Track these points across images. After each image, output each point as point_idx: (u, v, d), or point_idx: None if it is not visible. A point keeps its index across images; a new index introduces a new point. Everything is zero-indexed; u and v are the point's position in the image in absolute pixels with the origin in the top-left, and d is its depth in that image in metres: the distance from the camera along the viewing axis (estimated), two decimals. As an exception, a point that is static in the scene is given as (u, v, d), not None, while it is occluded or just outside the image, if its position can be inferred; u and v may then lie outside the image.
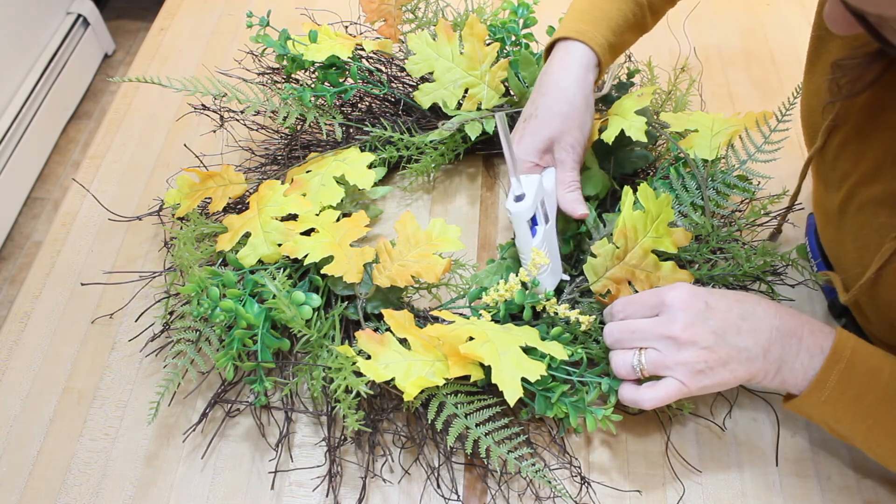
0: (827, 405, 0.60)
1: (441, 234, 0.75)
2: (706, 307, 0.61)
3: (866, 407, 0.59)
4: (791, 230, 0.86)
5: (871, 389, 0.59)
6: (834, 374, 0.59)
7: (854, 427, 0.60)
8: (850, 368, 0.59)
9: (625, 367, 0.64)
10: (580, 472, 0.69)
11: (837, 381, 0.59)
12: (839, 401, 0.59)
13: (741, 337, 0.61)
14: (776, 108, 0.81)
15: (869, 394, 0.59)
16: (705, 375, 0.60)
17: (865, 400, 0.59)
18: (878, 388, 0.59)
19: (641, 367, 0.63)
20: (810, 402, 0.60)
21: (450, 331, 0.64)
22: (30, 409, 0.76)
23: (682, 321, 0.61)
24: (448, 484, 0.68)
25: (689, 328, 0.61)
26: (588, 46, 0.74)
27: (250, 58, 1.03)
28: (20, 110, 1.95)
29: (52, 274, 0.87)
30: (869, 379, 0.59)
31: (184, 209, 0.82)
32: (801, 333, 0.61)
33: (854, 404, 0.59)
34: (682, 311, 0.62)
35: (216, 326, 0.71)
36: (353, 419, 0.64)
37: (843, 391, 0.59)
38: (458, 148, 0.91)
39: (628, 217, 0.71)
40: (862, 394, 0.59)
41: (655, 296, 0.64)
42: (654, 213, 0.72)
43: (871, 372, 0.59)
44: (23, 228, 1.98)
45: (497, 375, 0.61)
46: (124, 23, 2.55)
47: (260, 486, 0.70)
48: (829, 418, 0.61)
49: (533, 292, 0.71)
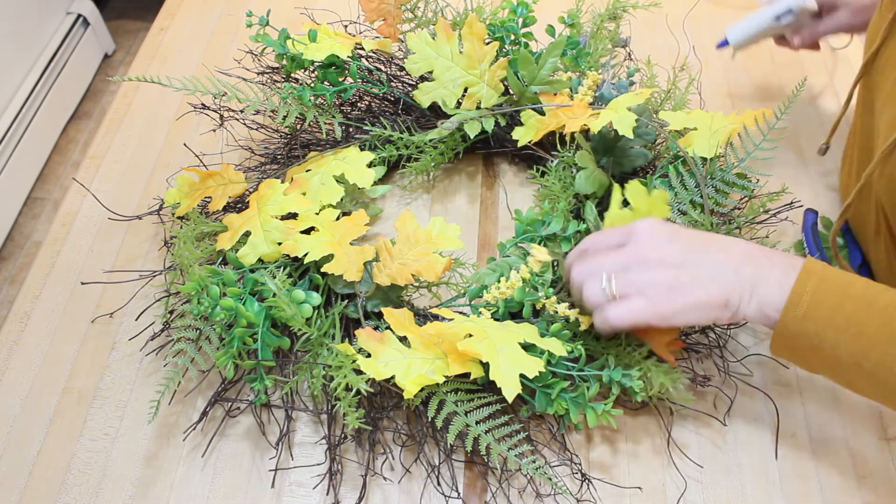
0: (807, 321, 0.59)
1: (441, 232, 0.75)
2: (673, 231, 0.63)
3: (846, 315, 0.58)
4: (790, 227, 0.86)
5: (848, 297, 0.58)
6: (809, 285, 0.59)
7: (838, 339, 0.58)
8: (823, 280, 0.59)
9: (594, 294, 0.63)
10: (580, 468, 0.69)
11: (813, 291, 0.58)
12: (818, 312, 0.58)
13: (709, 255, 0.61)
14: (775, 106, 0.81)
15: (846, 301, 0.58)
16: (675, 292, 0.61)
17: (844, 308, 0.58)
18: (853, 295, 0.58)
19: (612, 292, 0.62)
20: (791, 320, 0.59)
21: (449, 328, 0.65)
22: (30, 409, 0.76)
23: (648, 242, 0.62)
24: (448, 482, 0.68)
25: (657, 247, 0.62)
26: None
27: (250, 57, 1.03)
28: (20, 110, 1.95)
29: (52, 274, 0.87)
30: (844, 289, 0.58)
31: (184, 208, 0.82)
32: (770, 255, 0.62)
33: (834, 313, 0.58)
34: (650, 234, 0.63)
35: (216, 325, 0.71)
36: (354, 417, 0.64)
37: (820, 301, 0.58)
38: (458, 147, 0.91)
39: (616, 216, 0.71)
40: (840, 302, 0.58)
41: (622, 229, 0.65)
42: (644, 210, 0.72)
43: (844, 284, 0.59)
44: (23, 228, 1.98)
45: (495, 372, 0.61)
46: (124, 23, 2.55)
47: (260, 484, 0.70)
48: (812, 337, 0.59)
49: (533, 291, 0.71)
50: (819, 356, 0.60)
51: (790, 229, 0.86)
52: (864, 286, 0.59)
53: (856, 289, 0.59)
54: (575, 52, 0.89)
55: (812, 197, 0.90)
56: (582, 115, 0.82)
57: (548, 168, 0.86)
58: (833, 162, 0.93)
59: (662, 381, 0.67)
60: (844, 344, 0.58)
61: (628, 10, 0.97)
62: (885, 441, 0.71)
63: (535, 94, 0.87)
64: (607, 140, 0.84)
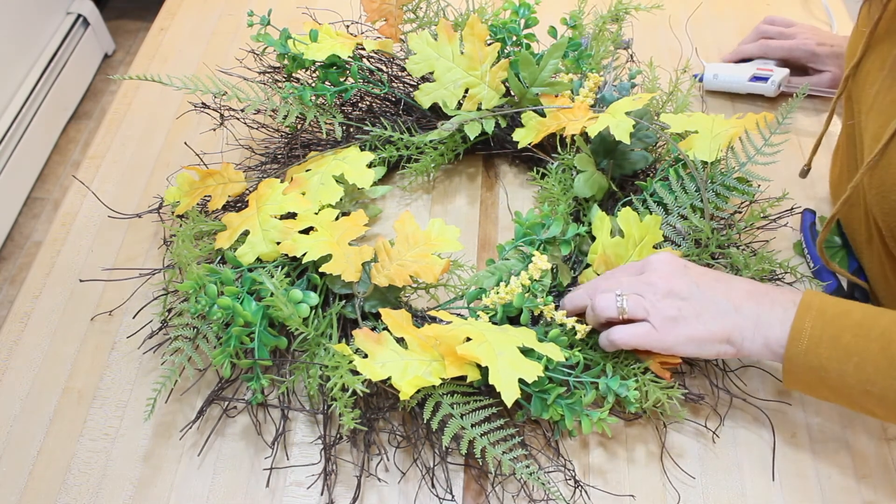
0: (810, 354, 0.61)
1: (440, 234, 0.75)
2: (685, 266, 0.68)
3: (845, 346, 0.60)
4: (789, 232, 0.86)
5: (846, 328, 0.60)
6: (808, 321, 0.62)
7: (843, 370, 0.60)
8: (821, 314, 0.62)
9: (608, 307, 0.67)
10: (574, 475, 0.69)
11: (812, 326, 0.61)
12: (819, 345, 0.61)
13: (715, 292, 0.65)
14: (777, 108, 0.81)
15: (844, 332, 0.60)
16: (677, 323, 0.65)
17: (843, 339, 0.60)
18: (851, 325, 0.60)
19: (623, 308, 0.66)
20: (794, 356, 0.62)
21: (447, 331, 0.64)
22: (30, 409, 0.76)
23: (662, 272, 0.67)
24: (443, 484, 0.68)
25: (668, 278, 0.66)
26: None
27: (251, 57, 1.03)
28: (20, 110, 1.95)
29: (52, 274, 0.87)
30: (841, 320, 0.61)
31: (183, 207, 0.82)
32: (772, 293, 0.65)
33: (834, 345, 0.60)
34: (663, 265, 0.67)
35: (214, 324, 0.71)
36: (349, 418, 0.64)
37: (819, 336, 0.61)
38: (458, 148, 0.91)
39: (607, 244, 0.73)
40: (838, 333, 0.60)
41: (639, 262, 0.69)
42: (637, 236, 0.73)
43: (841, 314, 0.61)
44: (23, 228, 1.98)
45: (494, 376, 0.61)
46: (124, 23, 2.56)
47: (259, 484, 0.70)
48: (818, 369, 0.61)
49: (532, 297, 0.71)
50: (828, 386, 0.62)
51: (791, 235, 0.86)
52: (861, 314, 0.61)
53: (853, 318, 0.61)
54: (577, 53, 0.89)
55: (812, 197, 0.90)
56: (583, 117, 0.82)
57: (548, 170, 0.85)
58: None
59: (658, 395, 0.67)
60: (849, 373, 0.60)
61: (630, 11, 0.97)
62: (885, 441, 0.71)
63: (536, 95, 0.87)
64: (608, 143, 0.84)
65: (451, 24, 0.88)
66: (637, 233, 0.74)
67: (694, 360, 0.75)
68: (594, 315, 0.68)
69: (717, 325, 0.64)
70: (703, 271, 0.67)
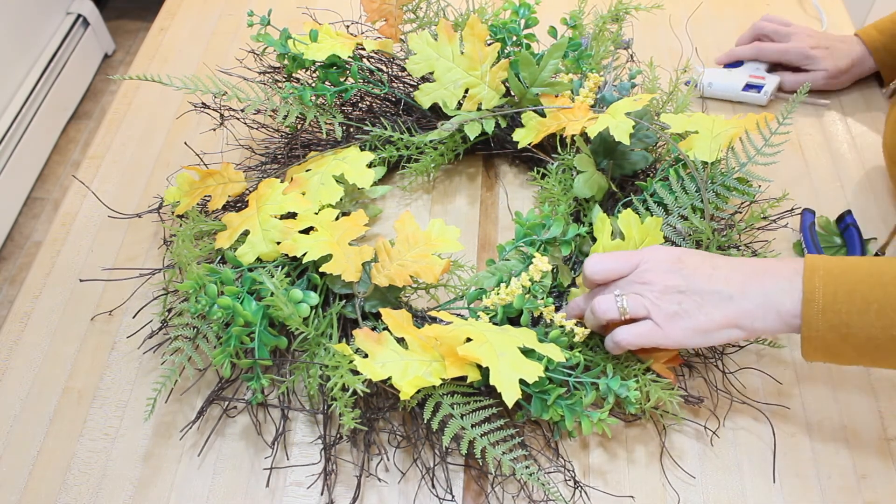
0: (828, 312, 0.60)
1: (440, 234, 0.75)
2: (679, 260, 0.66)
3: (862, 296, 0.59)
4: (789, 233, 0.86)
5: (859, 280, 0.60)
6: (817, 280, 0.61)
7: (864, 320, 0.59)
8: (828, 273, 0.61)
9: (609, 308, 0.66)
10: (573, 475, 0.68)
11: (823, 285, 0.60)
12: (835, 301, 0.60)
13: (713, 281, 0.64)
14: (776, 109, 0.81)
15: (858, 284, 0.60)
16: (680, 317, 0.64)
17: (858, 290, 0.59)
18: (863, 276, 0.60)
19: (624, 308, 0.65)
20: (812, 318, 0.61)
21: (447, 331, 0.64)
22: (30, 409, 0.76)
23: (657, 271, 0.66)
24: (443, 484, 0.68)
25: (664, 275, 0.65)
26: None
27: (251, 57, 1.03)
28: (20, 110, 1.95)
29: (52, 274, 0.87)
30: (851, 274, 0.60)
31: (183, 206, 0.82)
32: (773, 268, 0.64)
33: (850, 298, 0.59)
34: (657, 263, 0.66)
35: (214, 324, 0.71)
36: (349, 418, 0.64)
37: (833, 292, 0.60)
38: (458, 148, 0.91)
39: (607, 246, 0.73)
40: (852, 287, 0.60)
41: (631, 255, 0.68)
42: (637, 239, 0.73)
43: (849, 269, 0.61)
44: (23, 228, 1.98)
45: (495, 377, 0.61)
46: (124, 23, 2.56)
47: (256, 484, 0.70)
48: (839, 327, 0.60)
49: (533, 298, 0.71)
50: (853, 344, 0.61)
51: (791, 235, 0.86)
52: (867, 265, 0.61)
53: (862, 269, 0.61)
54: (577, 53, 0.89)
55: (812, 197, 0.90)
56: (583, 117, 0.82)
57: (548, 170, 0.85)
58: (833, 167, 0.93)
59: (660, 395, 0.67)
60: (872, 323, 0.59)
61: (630, 11, 0.97)
62: (885, 441, 0.71)
63: (536, 95, 0.87)
64: (608, 143, 0.84)
65: (451, 24, 0.88)
66: (637, 235, 0.74)
67: (692, 363, 0.75)
68: (594, 318, 0.68)
69: (720, 312, 0.63)
70: (699, 262, 0.66)
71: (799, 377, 0.75)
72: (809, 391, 0.74)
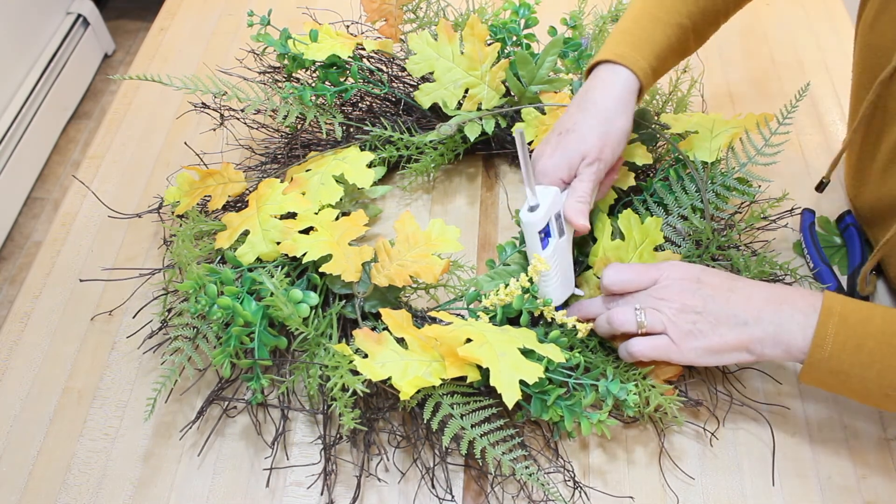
0: (832, 360, 0.61)
1: (440, 234, 0.75)
2: (698, 280, 0.67)
3: (869, 353, 0.60)
4: (789, 233, 0.86)
5: (869, 335, 0.61)
6: (830, 327, 0.61)
7: (865, 376, 0.61)
8: (843, 320, 0.61)
9: (628, 321, 0.67)
10: (573, 476, 0.68)
11: (835, 333, 0.61)
12: (842, 352, 0.61)
13: (730, 305, 0.65)
14: (776, 108, 0.81)
15: (868, 339, 0.60)
16: (694, 336, 0.65)
17: (866, 346, 0.60)
18: (874, 332, 0.61)
19: (643, 323, 0.67)
20: (817, 361, 0.62)
21: (447, 331, 0.64)
22: (30, 409, 0.76)
23: (676, 289, 0.67)
24: (443, 484, 0.68)
25: (682, 294, 0.66)
26: (631, 71, 0.73)
27: (251, 57, 1.03)
28: (20, 110, 1.95)
29: (52, 274, 0.87)
30: (864, 326, 0.61)
31: (183, 206, 0.82)
32: (791, 298, 0.64)
33: (857, 352, 0.61)
34: (677, 281, 0.67)
35: (213, 324, 0.71)
36: (349, 418, 0.64)
37: (843, 343, 0.61)
38: (458, 148, 0.91)
39: (607, 247, 0.74)
40: (861, 342, 0.61)
41: (651, 269, 0.69)
42: (637, 239, 0.73)
43: (864, 320, 0.61)
44: (23, 228, 1.98)
45: (496, 378, 0.61)
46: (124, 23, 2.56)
47: (256, 484, 0.70)
48: (839, 374, 0.62)
49: (532, 299, 0.71)
50: (848, 388, 0.63)
51: (791, 235, 0.86)
52: (881, 320, 0.61)
53: (875, 324, 0.61)
54: (577, 53, 0.89)
55: (812, 197, 0.90)
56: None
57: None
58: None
59: (659, 402, 0.67)
60: (871, 379, 0.61)
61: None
62: (885, 441, 0.71)
63: (536, 94, 0.87)
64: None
65: (451, 24, 0.88)
66: (637, 235, 0.74)
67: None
68: (609, 327, 0.69)
69: (733, 336, 0.64)
70: (718, 283, 0.67)
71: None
72: (809, 391, 0.74)
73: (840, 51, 1.08)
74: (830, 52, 1.08)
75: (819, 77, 1.05)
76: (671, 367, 0.69)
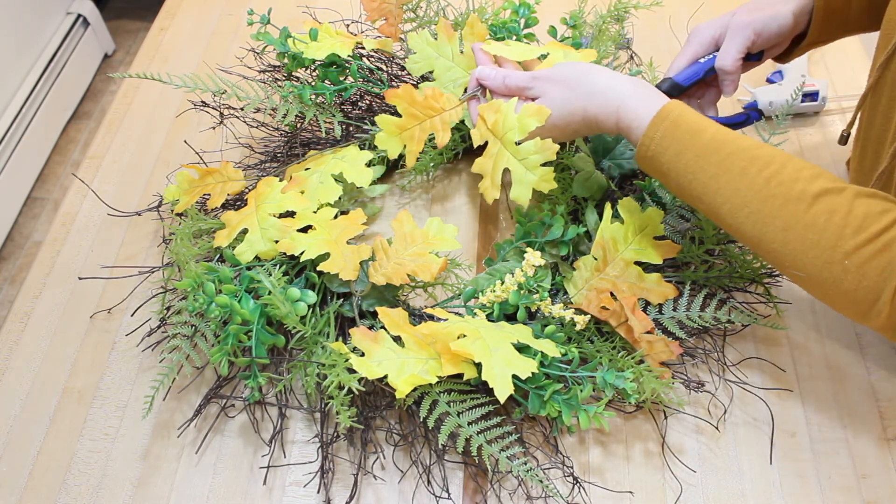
0: (654, 160, 0.65)
1: (438, 233, 0.75)
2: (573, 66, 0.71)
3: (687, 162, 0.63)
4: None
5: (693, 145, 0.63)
6: (659, 131, 0.64)
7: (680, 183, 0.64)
8: (674, 126, 0.64)
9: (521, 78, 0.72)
10: (572, 471, 0.68)
11: (661, 137, 0.64)
12: (663, 155, 0.64)
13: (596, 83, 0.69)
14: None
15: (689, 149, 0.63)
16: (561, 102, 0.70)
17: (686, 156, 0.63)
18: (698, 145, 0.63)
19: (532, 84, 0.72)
20: (642, 157, 0.66)
21: (443, 328, 0.64)
22: (30, 409, 0.76)
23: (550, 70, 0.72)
24: (440, 482, 0.68)
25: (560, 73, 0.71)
26: None
27: (251, 55, 1.03)
28: (20, 110, 1.95)
29: (52, 274, 0.87)
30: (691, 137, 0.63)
31: (182, 205, 0.82)
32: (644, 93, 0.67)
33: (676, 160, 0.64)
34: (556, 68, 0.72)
35: (211, 322, 0.71)
36: (346, 416, 0.64)
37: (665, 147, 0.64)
38: (458, 147, 0.91)
39: (606, 229, 0.74)
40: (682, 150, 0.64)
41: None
42: (636, 225, 0.73)
43: (694, 132, 0.64)
44: (23, 228, 1.98)
45: (487, 372, 0.61)
46: (124, 23, 2.56)
47: (255, 482, 0.70)
48: (658, 173, 0.66)
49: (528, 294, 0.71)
50: (667, 184, 0.67)
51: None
52: (711, 137, 0.63)
53: (702, 139, 0.63)
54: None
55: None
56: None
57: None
58: (833, 167, 0.93)
59: (654, 386, 0.67)
60: (683, 186, 0.65)
61: (630, 10, 0.97)
62: (885, 441, 0.71)
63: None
64: (607, 142, 0.84)
65: (451, 23, 0.88)
66: (637, 221, 0.74)
67: (694, 353, 0.74)
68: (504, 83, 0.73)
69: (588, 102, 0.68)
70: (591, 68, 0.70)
71: (799, 377, 0.75)
72: (809, 391, 0.74)
73: (839, 49, 1.08)
74: (831, 51, 1.08)
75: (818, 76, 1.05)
76: (665, 350, 0.69)
